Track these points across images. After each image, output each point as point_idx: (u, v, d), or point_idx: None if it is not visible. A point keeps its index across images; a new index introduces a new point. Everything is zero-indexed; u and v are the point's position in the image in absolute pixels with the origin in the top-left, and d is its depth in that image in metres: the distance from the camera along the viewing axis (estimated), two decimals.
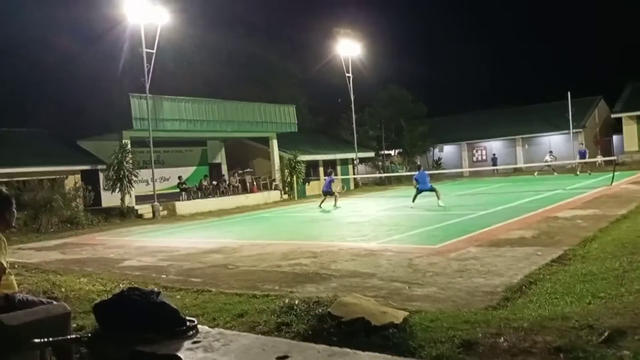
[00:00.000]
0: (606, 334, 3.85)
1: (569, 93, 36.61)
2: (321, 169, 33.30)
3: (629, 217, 11.54)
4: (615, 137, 39.12)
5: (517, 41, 75.74)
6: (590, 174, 27.67)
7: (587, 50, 71.05)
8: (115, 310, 3.18)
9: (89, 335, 3.35)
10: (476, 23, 76.04)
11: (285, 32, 48.24)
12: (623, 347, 3.63)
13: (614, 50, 68.21)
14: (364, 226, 13.95)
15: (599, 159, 30.80)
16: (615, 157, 27.91)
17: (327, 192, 21.08)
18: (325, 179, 22.19)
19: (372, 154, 38.03)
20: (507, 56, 76.19)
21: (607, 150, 36.56)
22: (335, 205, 20.69)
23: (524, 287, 6.32)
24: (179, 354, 2.81)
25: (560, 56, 71.61)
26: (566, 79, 56.22)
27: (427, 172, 19.21)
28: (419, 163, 20.66)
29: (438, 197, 17.06)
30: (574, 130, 36.97)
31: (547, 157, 32.59)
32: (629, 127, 35.69)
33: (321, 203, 21.11)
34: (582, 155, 29.20)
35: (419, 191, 17.86)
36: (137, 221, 21.01)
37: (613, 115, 37.13)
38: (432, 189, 17.58)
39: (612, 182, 20.47)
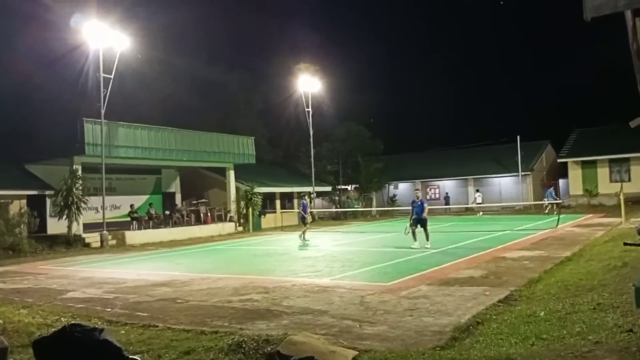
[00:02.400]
0: None
1: (518, 137, 38.24)
2: (278, 202, 33.23)
3: (573, 259, 11.99)
4: (561, 181, 40.81)
5: (471, 85, 78.85)
6: (555, 213, 27.34)
7: (536, 96, 74.59)
8: (56, 348, 3.08)
9: None
10: (433, 66, 78.80)
11: (247, 63, 48.70)
12: None
13: (561, 97, 71.85)
14: (318, 261, 13.94)
15: (546, 201, 32.00)
16: (560, 201, 29.07)
17: (304, 220, 20.35)
18: (304, 205, 21.08)
19: (329, 189, 38.31)
20: (461, 99, 78.95)
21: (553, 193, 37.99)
22: (303, 237, 19.70)
23: (471, 327, 6.44)
24: None
25: (510, 101, 74.84)
26: (515, 123, 58.74)
27: (424, 203, 16.26)
28: (418, 189, 18.06)
29: (427, 238, 15.55)
30: (523, 173, 38.43)
31: (477, 197, 34.84)
32: (574, 172, 37.35)
33: (304, 233, 19.83)
34: (550, 195, 30.45)
35: (414, 223, 15.72)
36: (83, 250, 20.31)
37: (559, 160, 38.83)
38: (424, 223, 15.64)
39: (557, 224, 21.25)
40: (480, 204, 35.12)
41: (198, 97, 38.05)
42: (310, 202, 29.28)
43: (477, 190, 38.08)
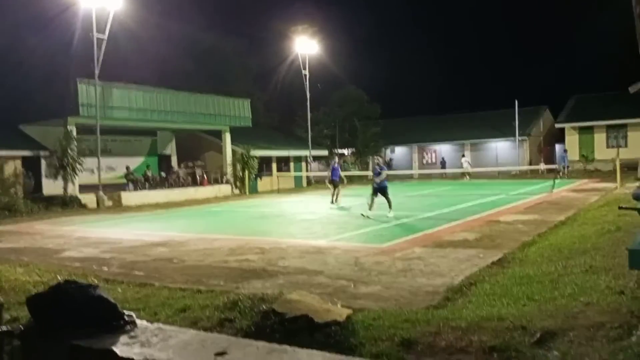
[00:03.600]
0: (538, 335, 4.03)
1: (516, 102, 38.04)
2: (274, 165, 33.19)
3: (567, 223, 12.05)
4: (558, 146, 40.87)
5: (470, 50, 77.96)
6: (559, 178, 26.05)
7: (535, 61, 73.95)
8: (50, 303, 3.08)
9: (22, 328, 3.23)
10: (432, 30, 77.73)
11: (243, 28, 48.01)
12: (553, 348, 3.81)
13: (560, 63, 71.23)
14: (314, 224, 14.01)
15: (542, 166, 32.08)
16: (556, 166, 29.13)
17: (336, 182, 18.99)
18: (334, 168, 19.60)
19: (325, 153, 38.24)
20: (460, 63, 78.18)
21: (549, 158, 38.12)
22: (336, 200, 18.72)
23: (464, 287, 6.50)
24: (115, 348, 2.74)
25: (509, 66, 74.16)
26: (514, 88, 58.46)
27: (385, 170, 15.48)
28: (380, 156, 16.63)
29: (389, 207, 14.68)
30: (520, 138, 38.36)
31: (465, 163, 34.87)
32: (571, 137, 37.33)
33: (335, 197, 18.71)
34: (563, 159, 30.45)
35: (374, 191, 14.92)
36: (80, 211, 20.34)
37: (557, 125, 38.74)
38: (383, 191, 14.88)
39: (552, 189, 21.34)
40: (466, 168, 35.03)
41: (193, 61, 37.49)
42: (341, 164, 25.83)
43: (463, 155, 37.85)
